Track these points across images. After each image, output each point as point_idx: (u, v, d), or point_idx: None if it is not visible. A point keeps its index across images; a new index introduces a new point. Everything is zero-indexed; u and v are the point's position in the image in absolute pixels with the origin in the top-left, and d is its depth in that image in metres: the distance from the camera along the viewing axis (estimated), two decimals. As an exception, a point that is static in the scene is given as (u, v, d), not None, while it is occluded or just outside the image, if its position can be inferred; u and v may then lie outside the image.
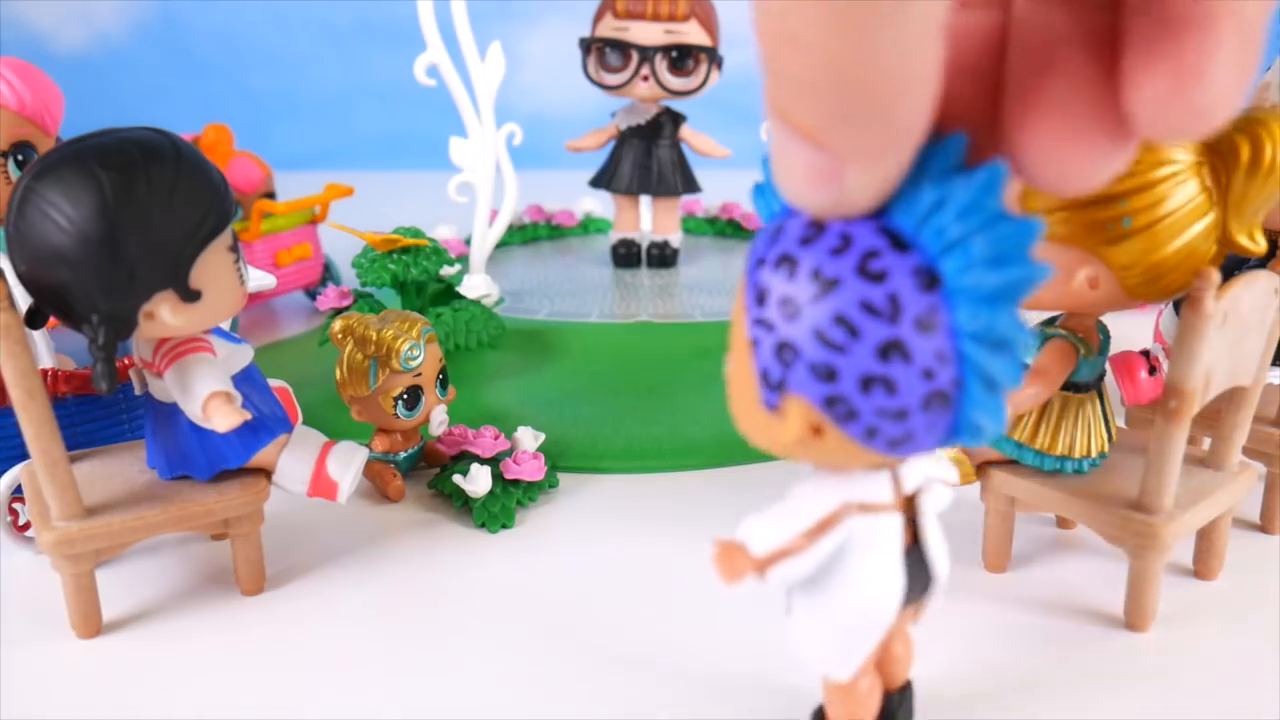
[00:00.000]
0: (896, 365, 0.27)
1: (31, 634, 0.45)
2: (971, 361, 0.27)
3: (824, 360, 0.28)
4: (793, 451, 0.31)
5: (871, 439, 0.29)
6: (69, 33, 1.66)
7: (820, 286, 0.28)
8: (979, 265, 0.26)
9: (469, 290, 0.76)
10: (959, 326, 0.27)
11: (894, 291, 0.27)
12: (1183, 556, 0.49)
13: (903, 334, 0.27)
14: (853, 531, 0.33)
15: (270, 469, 0.47)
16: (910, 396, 0.28)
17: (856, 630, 0.35)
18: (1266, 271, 0.42)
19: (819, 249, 0.28)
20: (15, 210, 0.40)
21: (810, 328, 0.28)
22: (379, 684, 0.42)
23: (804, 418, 0.29)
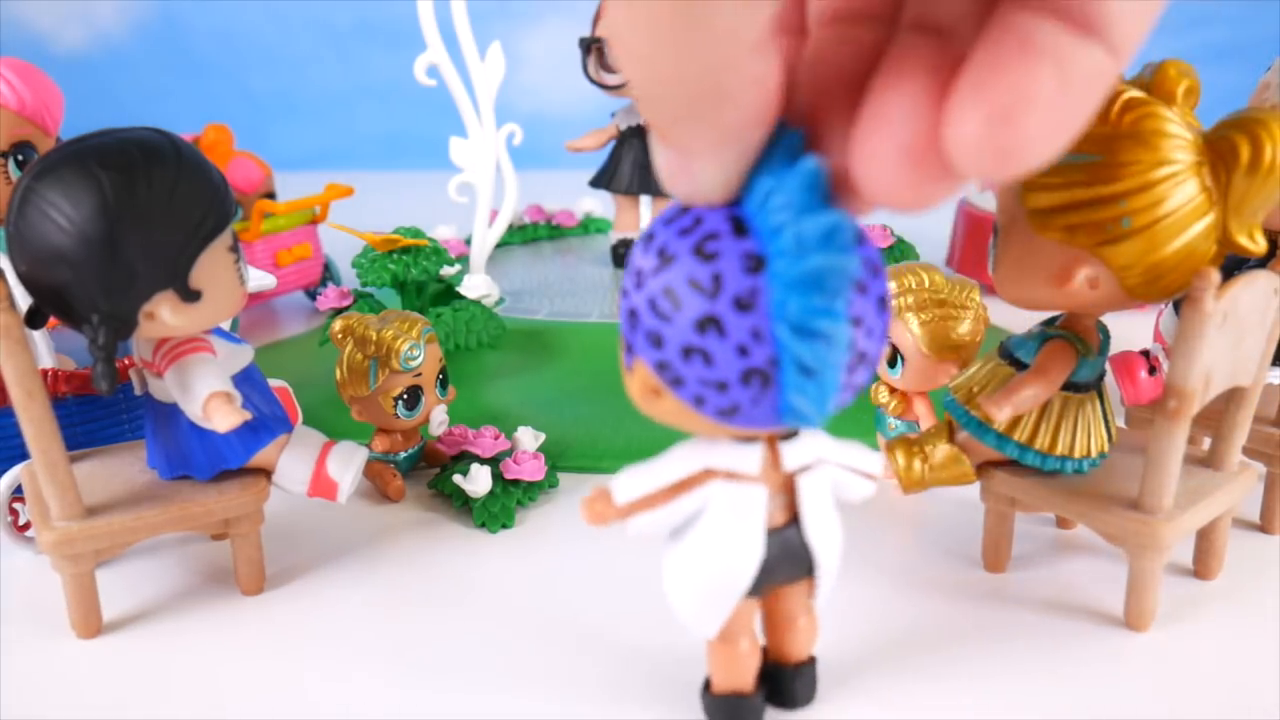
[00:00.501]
0: (712, 338, 0.30)
1: (31, 634, 0.45)
2: (782, 344, 0.29)
3: (654, 328, 0.31)
4: (643, 408, 0.34)
5: (700, 406, 0.31)
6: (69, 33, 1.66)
7: (661, 261, 0.30)
8: (789, 253, 0.28)
9: (469, 290, 0.76)
10: (773, 309, 0.29)
11: (719, 271, 0.29)
12: (1183, 556, 0.49)
13: (719, 311, 0.29)
14: (712, 496, 0.35)
15: (270, 469, 0.47)
16: (727, 370, 0.30)
17: (712, 591, 0.36)
18: (1266, 271, 0.42)
19: (673, 228, 0.31)
20: (15, 210, 0.40)
21: (647, 297, 0.31)
22: (379, 684, 0.42)
23: (645, 379, 0.32)
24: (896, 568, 0.50)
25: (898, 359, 0.54)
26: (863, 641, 0.44)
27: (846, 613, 0.46)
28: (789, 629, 0.40)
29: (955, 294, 0.54)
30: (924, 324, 0.53)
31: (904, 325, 0.53)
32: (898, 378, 0.55)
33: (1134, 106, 0.39)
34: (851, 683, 0.42)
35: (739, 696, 0.39)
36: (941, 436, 0.48)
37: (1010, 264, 0.43)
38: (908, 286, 0.53)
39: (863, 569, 0.50)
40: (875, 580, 0.49)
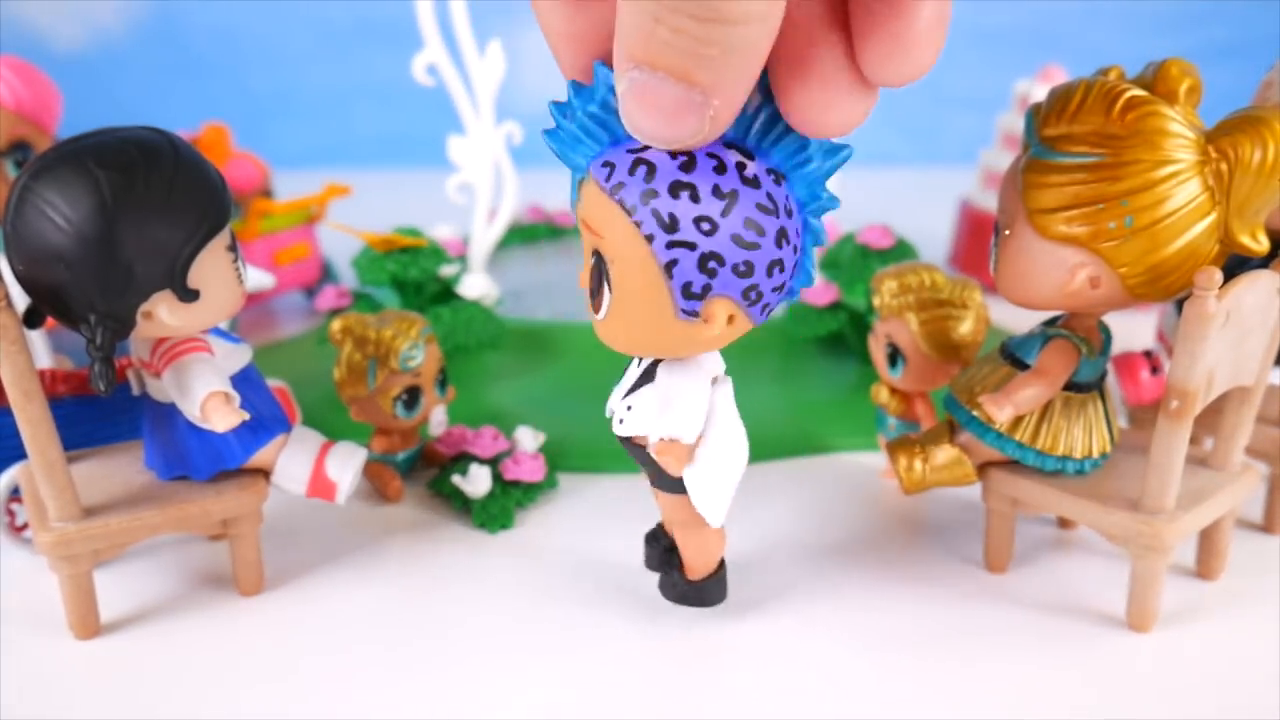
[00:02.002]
0: (786, 248, 0.35)
1: (29, 635, 0.45)
2: (810, 227, 0.36)
3: (744, 259, 0.34)
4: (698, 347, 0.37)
5: (763, 314, 0.36)
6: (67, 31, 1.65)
7: (726, 200, 0.33)
8: (813, 155, 0.34)
9: (468, 290, 0.76)
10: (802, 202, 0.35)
11: (769, 191, 0.34)
12: (1185, 557, 0.49)
13: (784, 222, 0.34)
14: (716, 399, 0.40)
15: (269, 469, 0.47)
16: (789, 271, 0.35)
17: (731, 477, 0.41)
18: (1269, 271, 0.42)
19: (705, 171, 0.33)
20: (13, 210, 0.40)
21: (729, 235, 0.33)
22: (378, 684, 0.42)
23: (727, 312, 0.35)
24: (896, 568, 0.50)
25: (898, 359, 0.54)
26: (863, 641, 0.44)
27: (847, 612, 0.46)
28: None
29: (956, 294, 0.53)
30: (924, 324, 0.53)
31: (904, 325, 0.53)
32: (898, 378, 0.55)
33: (1136, 105, 0.39)
34: (852, 682, 0.41)
35: (719, 571, 0.45)
36: (942, 437, 0.48)
37: (1011, 264, 0.43)
38: (908, 286, 0.53)
39: (863, 569, 0.50)
40: (875, 580, 0.49)
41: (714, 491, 0.41)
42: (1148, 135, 0.39)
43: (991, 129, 1.01)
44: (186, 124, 0.83)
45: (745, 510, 0.56)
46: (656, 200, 0.33)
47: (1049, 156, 0.40)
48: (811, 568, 0.50)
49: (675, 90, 0.29)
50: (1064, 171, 0.40)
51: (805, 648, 0.44)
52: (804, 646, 0.44)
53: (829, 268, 0.75)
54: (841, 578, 0.49)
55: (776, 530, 0.53)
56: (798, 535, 0.53)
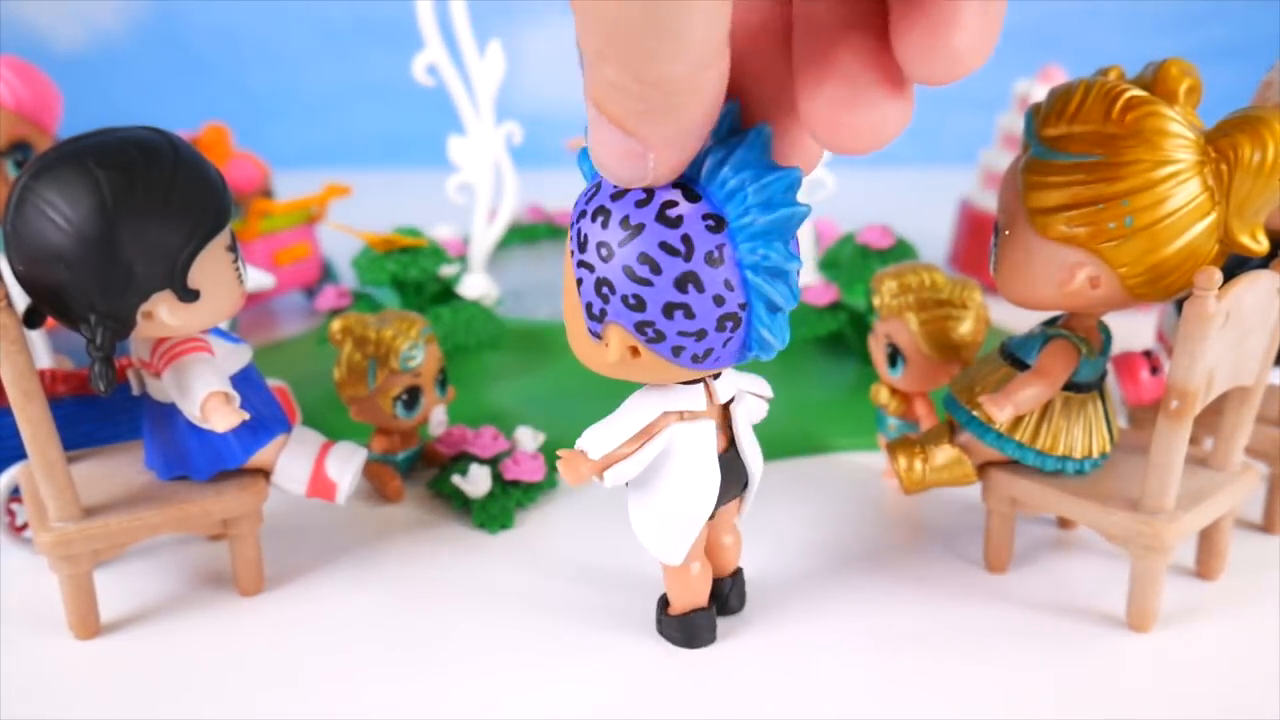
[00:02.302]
0: (692, 294, 0.34)
1: (30, 635, 0.45)
2: (754, 287, 0.34)
3: (634, 292, 0.34)
4: (617, 371, 0.37)
5: (678, 356, 0.35)
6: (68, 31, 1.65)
7: (629, 232, 0.34)
8: (754, 209, 0.33)
9: (468, 290, 0.76)
10: (741, 259, 0.34)
11: (687, 233, 0.33)
12: (1184, 557, 0.49)
13: (695, 268, 0.33)
14: (674, 436, 0.40)
15: (269, 469, 0.47)
16: (706, 319, 0.34)
17: (681, 521, 0.41)
18: (1268, 272, 0.42)
19: (627, 201, 0.34)
20: (13, 210, 0.40)
21: (621, 266, 0.34)
22: (378, 684, 0.42)
23: (622, 341, 0.35)
24: (897, 568, 0.50)
25: (898, 359, 0.54)
26: (863, 641, 0.44)
27: (847, 612, 0.46)
28: (721, 547, 0.45)
29: (956, 294, 0.53)
30: (924, 324, 0.53)
31: (904, 325, 0.53)
32: (898, 378, 0.55)
33: (1136, 105, 0.39)
34: (853, 682, 0.41)
35: (698, 611, 0.44)
36: (942, 437, 0.48)
37: (1011, 264, 0.43)
38: (908, 286, 0.53)
39: (863, 569, 0.50)
40: (875, 580, 0.49)
41: (655, 528, 0.41)
42: (1147, 135, 0.39)
43: (991, 129, 1.01)
44: (187, 124, 0.83)
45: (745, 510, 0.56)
46: (582, 220, 0.35)
47: (1049, 156, 0.40)
48: (811, 567, 0.50)
49: (618, 136, 0.30)
50: (1064, 171, 0.40)
51: (805, 647, 0.44)
52: (804, 646, 0.44)
53: (829, 268, 0.75)
54: (841, 577, 0.49)
55: (776, 530, 0.53)
56: (798, 535, 0.53)
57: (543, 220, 1.04)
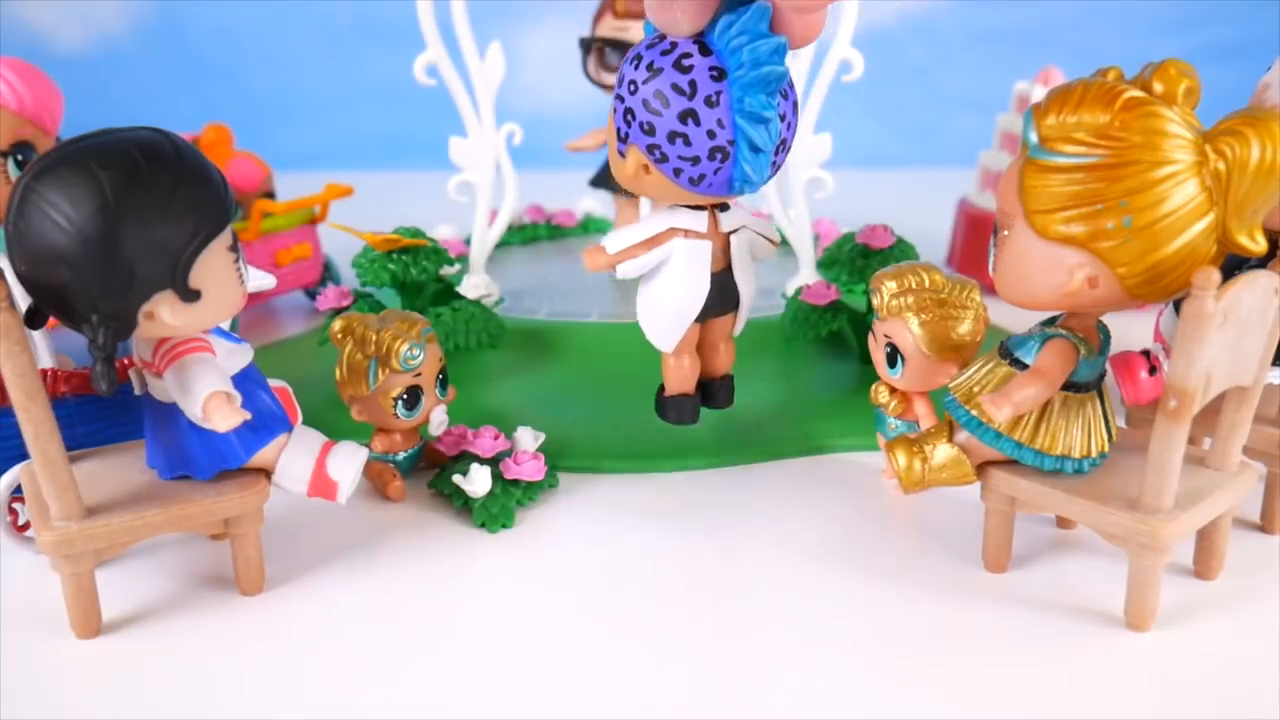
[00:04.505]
0: (691, 126, 0.44)
1: (31, 634, 0.45)
2: (740, 128, 0.43)
3: (647, 120, 0.44)
4: (634, 184, 0.47)
5: (678, 176, 0.45)
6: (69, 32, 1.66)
7: (650, 73, 0.44)
8: (746, 64, 0.42)
9: (469, 290, 0.76)
10: (733, 104, 0.43)
11: (694, 79, 0.43)
12: (1183, 556, 0.49)
13: (696, 106, 0.43)
14: (675, 248, 0.50)
15: (270, 469, 0.47)
16: (700, 148, 0.44)
17: (672, 315, 0.51)
18: (1267, 271, 0.42)
19: (655, 50, 0.44)
20: (15, 210, 0.40)
21: (641, 99, 0.44)
22: (378, 684, 0.42)
23: (637, 159, 0.46)
24: (896, 568, 0.50)
25: (898, 359, 0.54)
26: (862, 641, 0.44)
27: (846, 612, 0.46)
28: (714, 352, 0.55)
29: (955, 294, 0.54)
30: (924, 324, 0.53)
31: (904, 325, 0.53)
32: (898, 378, 0.55)
33: (1135, 106, 0.39)
34: (851, 682, 0.42)
35: (683, 396, 0.54)
36: (941, 436, 0.48)
37: (1010, 264, 0.43)
38: (908, 286, 0.53)
39: (862, 568, 0.50)
40: (875, 580, 0.49)
41: (653, 319, 0.52)
42: (1146, 136, 0.39)
43: (991, 130, 1.01)
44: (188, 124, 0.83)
45: (745, 510, 0.56)
46: (625, 64, 0.46)
47: (1048, 157, 0.41)
48: (810, 567, 0.50)
49: None
50: (1062, 172, 0.40)
51: (804, 647, 0.44)
52: (803, 646, 0.44)
53: (829, 268, 0.75)
54: (840, 577, 0.49)
55: (776, 530, 0.54)
56: (797, 535, 0.53)
57: (543, 220, 1.04)
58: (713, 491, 0.58)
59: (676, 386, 0.54)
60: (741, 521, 0.55)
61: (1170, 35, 1.57)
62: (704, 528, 0.54)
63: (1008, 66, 1.13)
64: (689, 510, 0.56)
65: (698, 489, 0.58)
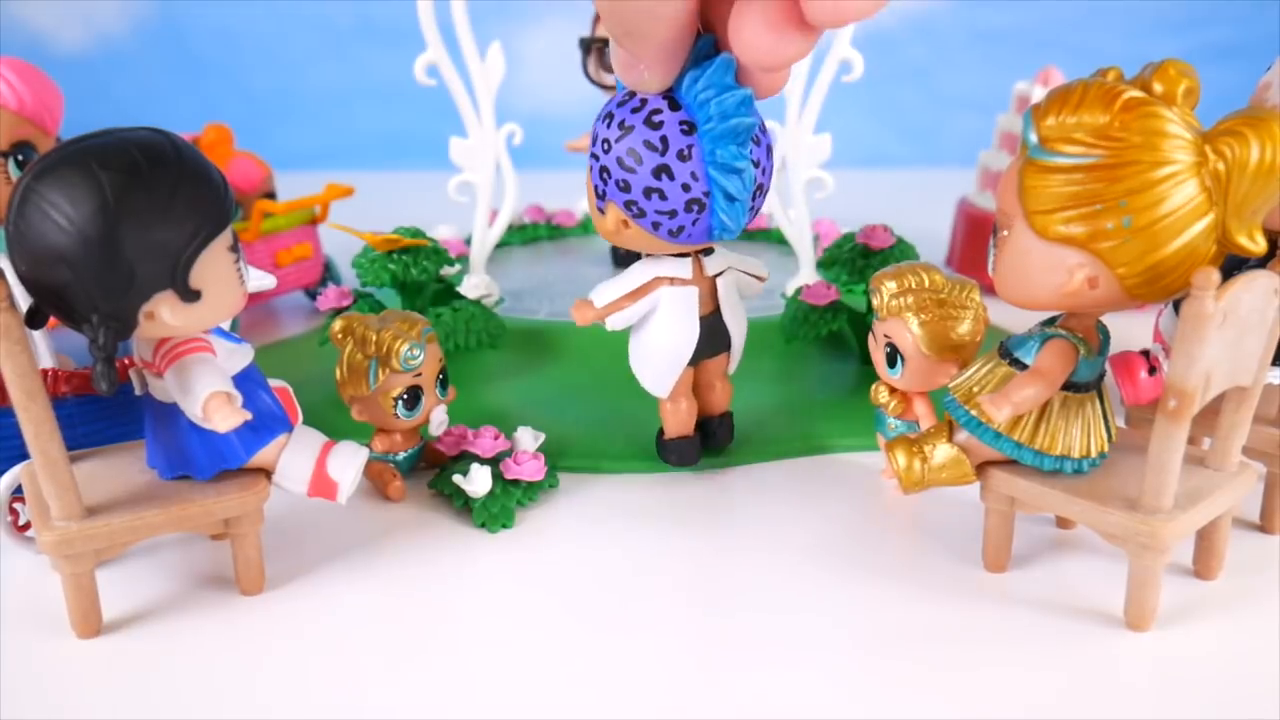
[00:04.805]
0: (665, 181, 0.45)
1: (31, 634, 0.45)
2: (714, 180, 0.45)
3: (622, 177, 0.46)
4: (614, 238, 0.49)
5: (657, 230, 0.47)
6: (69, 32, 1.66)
7: (623, 131, 0.45)
8: (714, 118, 0.43)
9: (469, 290, 0.76)
10: (705, 157, 0.44)
11: (665, 134, 0.45)
12: (1182, 556, 0.49)
13: (669, 161, 0.45)
14: (661, 296, 0.52)
15: (270, 469, 0.47)
16: (676, 202, 0.46)
17: (664, 362, 0.53)
18: (1266, 271, 0.42)
19: (626, 109, 0.46)
20: (15, 210, 0.40)
21: (615, 157, 0.46)
22: (378, 683, 0.42)
23: (616, 215, 0.48)
24: (896, 568, 0.50)
25: (898, 359, 0.54)
26: (862, 641, 0.44)
27: (846, 612, 0.46)
28: (710, 391, 0.57)
29: (955, 294, 0.54)
30: (924, 324, 0.53)
31: (904, 325, 0.53)
32: (898, 378, 0.55)
33: (1134, 106, 0.39)
34: (851, 682, 0.42)
35: (684, 438, 0.57)
36: (941, 436, 0.48)
37: (1010, 264, 0.43)
38: (908, 286, 0.53)
39: (862, 568, 0.50)
40: (875, 580, 0.49)
41: (646, 367, 0.54)
42: (1146, 136, 0.39)
43: (991, 130, 1.01)
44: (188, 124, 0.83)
45: (745, 510, 0.56)
46: (598, 123, 0.47)
47: (1047, 157, 0.41)
48: (810, 567, 0.50)
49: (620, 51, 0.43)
50: (1062, 172, 0.40)
51: (804, 647, 0.44)
52: (803, 646, 0.44)
53: (829, 268, 0.75)
54: (840, 577, 0.49)
55: (776, 530, 0.54)
56: (797, 535, 0.53)
57: (543, 220, 1.04)
58: (712, 491, 0.58)
59: (676, 430, 0.56)
60: (741, 522, 0.55)
61: (1170, 35, 1.57)
62: (704, 528, 0.54)
63: (1008, 66, 1.13)
64: (689, 510, 0.56)
65: (698, 489, 0.58)
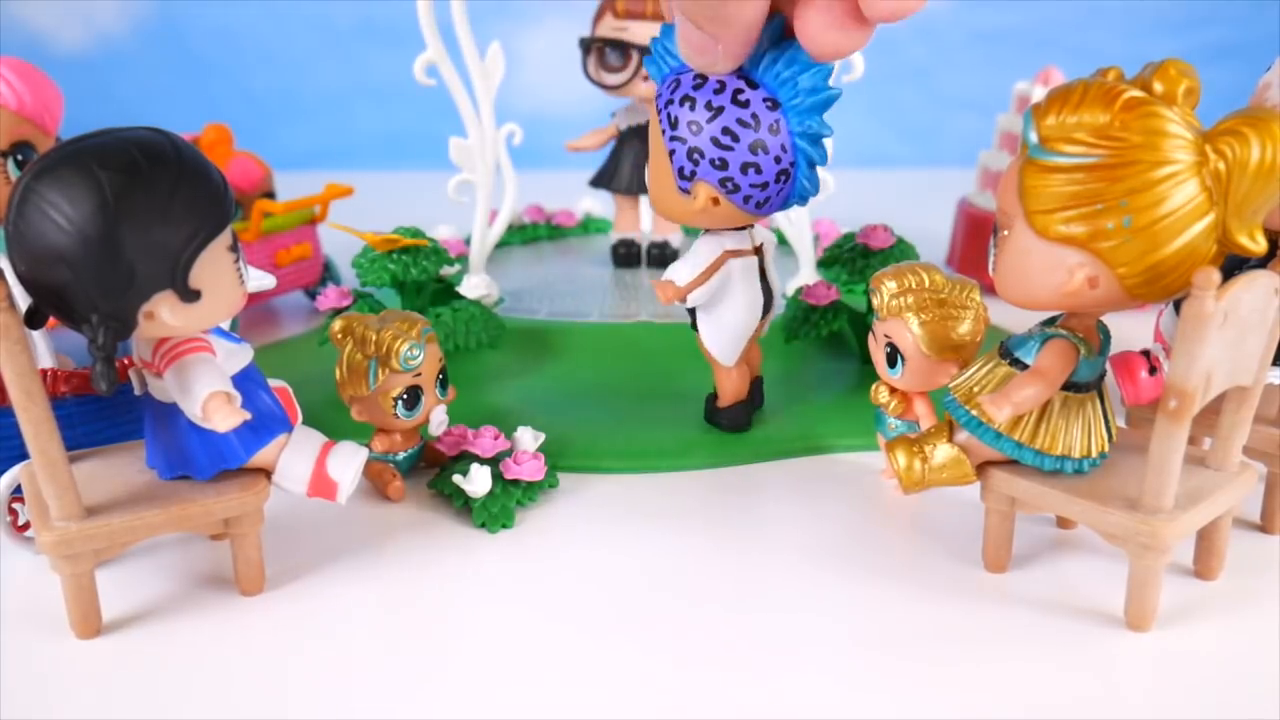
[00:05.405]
0: (761, 156, 0.49)
1: (31, 634, 0.45)
2: (800, 150, 0.49)
3: (719, 156, 0.49)
4: (699, 219, 0.52)
5: (747, 203, 0.50)
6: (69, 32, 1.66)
7: (712, 112, 0.48)
8: (803, 93, 0.48)
9: (469, 290, 0.76)
10: (793, 129, 0.48)
11: (755, 112, 0.48)
12: (1183, 556, 0.49)
13: (763, 136, 0.48)
14: (731, 268, 0.55)
15: (270, 469, 0.47)
16: (769, 174, 0.49)
17: (737, 331, 0.57)
18: (1267, 271, 0.42)
19: (706, 90, 0.49)
20: (15, 210, 0.40)
21: (709, 137, 0.49)
22: (378, 684, 0.42)
23: (707, 193, 0.50)
24: (896, 568, 0.50)
25: (898, 359, 0.54)
26: (862, 640, 0.44)
27: (846, 612, 0.46)
28: (751, 353, 0.61)
29: (955, 294, 0.54)
30: (924, 324, 0.53)
31: (904, 325, 0.53)
32: (898, 378, 0.55)
33: (1135, 106, 0.39)
34: (851, 682, 0.42)
35: (740, 403, 0.61)
36: (942, 436, 0.48)
37: (1010, 264, 0.43)
38: (908, 286, 0.53)
39: (862, 568, 0.50)
40: (875, 580, 0.49)
41: (715, 335, 0.57)
42: (1146, 136, 0.39)
43: (991, 130, 1.01)
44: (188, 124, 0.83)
45: (745, 510, 0.56)
46: (670, 107, 0.50)
47: (1048, 157, 0.41)
48: (810, 567, 0.50)
49: (696, 33, 0.46)
50: (1063, 172, 0.40)
51: (804, 647, 0.44)
52: (803, 646, 0.44)
53: (829, 268, 0.75)
54: (840, 577, 0.49)
55: (776, 530, 0.54)
56: (797, 535, 0.53)
57: (543, 220, 1.04)
58: (713, 491, 0.58)
59: (734, 395, 0.60)
60: (741, 521, 0.55)
61: (1170, 35, 1.57)
62: (704, 528, 0.54)
63: (1008, 66, 1.13)
64: (689, 510, 0.56)
65: (698, 489, 0.58)
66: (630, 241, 0.90)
